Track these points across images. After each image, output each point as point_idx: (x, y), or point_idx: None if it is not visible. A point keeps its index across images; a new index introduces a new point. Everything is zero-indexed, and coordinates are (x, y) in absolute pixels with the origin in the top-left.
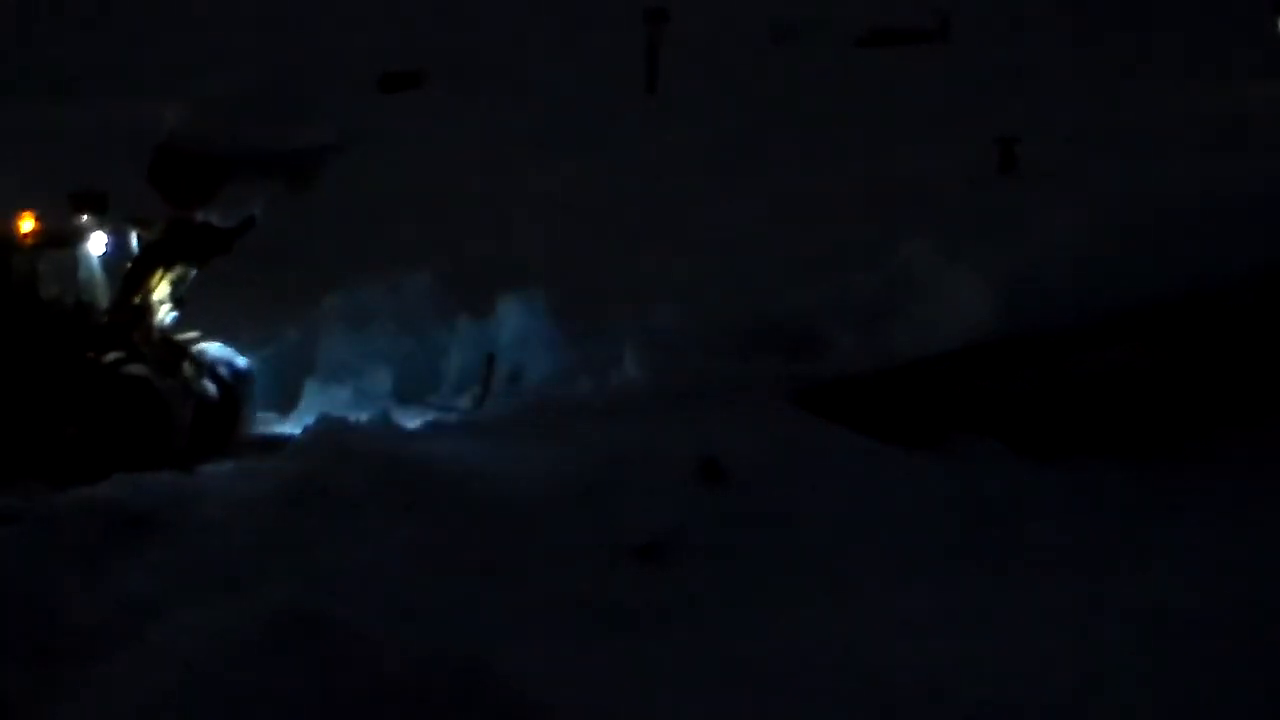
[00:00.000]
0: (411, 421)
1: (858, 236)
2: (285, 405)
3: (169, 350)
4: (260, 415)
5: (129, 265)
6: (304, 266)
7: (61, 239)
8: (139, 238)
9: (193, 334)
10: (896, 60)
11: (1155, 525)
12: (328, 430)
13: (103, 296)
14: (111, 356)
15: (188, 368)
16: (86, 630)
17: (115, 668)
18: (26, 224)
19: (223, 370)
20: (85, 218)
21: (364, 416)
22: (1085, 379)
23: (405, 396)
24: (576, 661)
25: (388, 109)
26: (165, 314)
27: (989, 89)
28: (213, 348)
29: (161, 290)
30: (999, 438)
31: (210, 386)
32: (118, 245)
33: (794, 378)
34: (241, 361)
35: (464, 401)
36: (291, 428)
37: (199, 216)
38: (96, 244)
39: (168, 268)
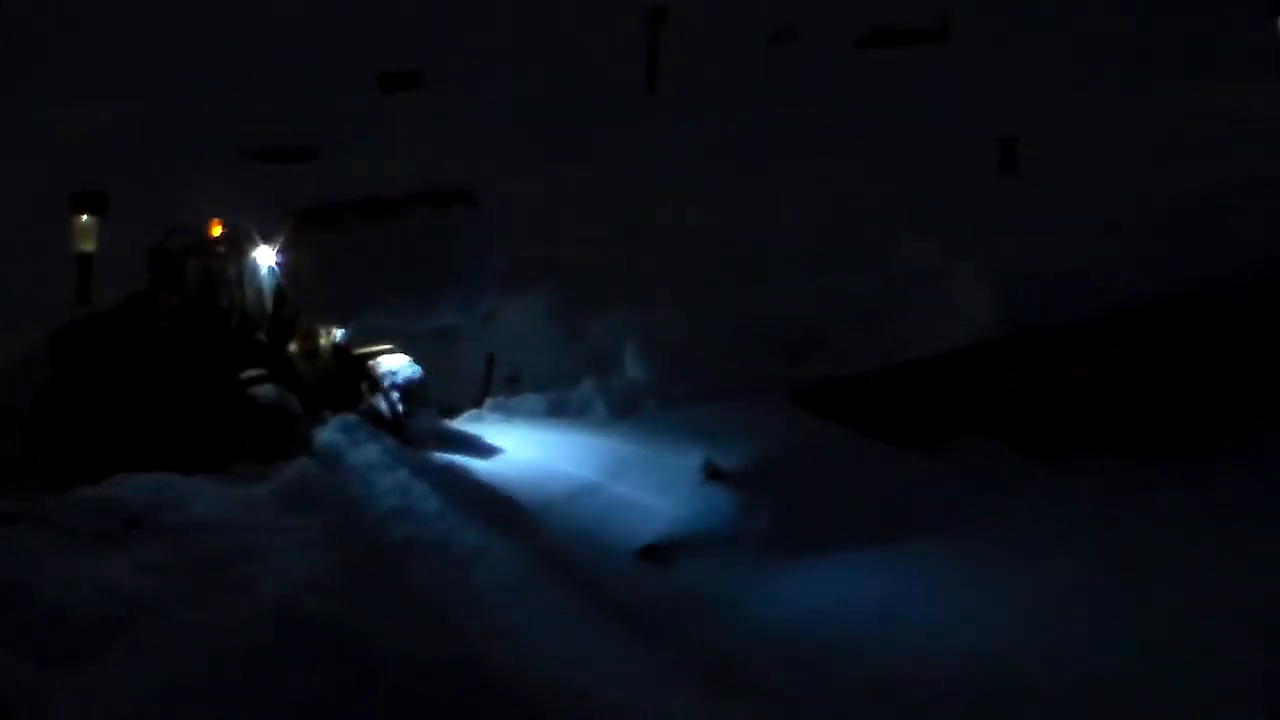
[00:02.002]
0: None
1: (858, 236)
2: None
3: (342, 365)
4: None
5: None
6: None
7: (240, 249)
8: None
9: (381, 346)
10: (896, 60)
11: (1154, 523)
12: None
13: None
14: (248, 373)
15: (365, 384)
16: (85, 629)
17: (114, 667)
18: (214, 231)
19: (393, 386)
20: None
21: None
22: (1085, 379)
23: None
24: (577, 661)
25: (388, 109)
26: (334, 329)
27: (989, 89)
28: (391, 362)
29: None
30: (999, 437)
31: (382, 403)
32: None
33: (794, 378)
34: (414, 377)
35: (464, 402)
36: None
37: None
38: (266, 256)
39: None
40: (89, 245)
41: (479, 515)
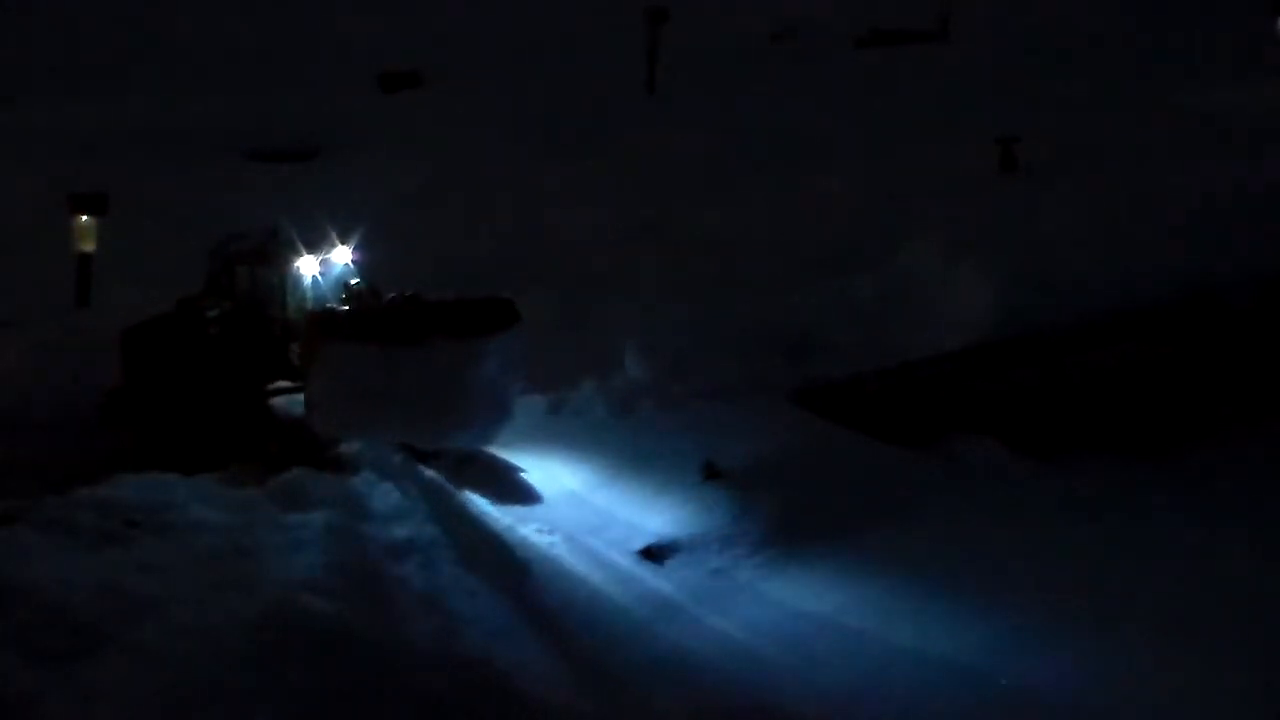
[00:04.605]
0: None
1: (858, 236)
2: None
3: None
4: None
5: None
6: None
7: (286, 258)
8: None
9: None
10: (897, 60)
11: (1153, 524)
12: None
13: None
14: (279, 384)
15: None
16: (85, 629)
17: (114, 667)
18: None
19: None
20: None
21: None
22: (1085, 379)
23: None
24: (578, 660)
25: (388, 109)
26: None
27: (989, 89)
28: None
29: None
30: (999, 438)
31: None
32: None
33: (794, 378)
34: None
35: None
36: None
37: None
38: (309, 267)
39: None
40: (89, 245)
41: (478, 517)
